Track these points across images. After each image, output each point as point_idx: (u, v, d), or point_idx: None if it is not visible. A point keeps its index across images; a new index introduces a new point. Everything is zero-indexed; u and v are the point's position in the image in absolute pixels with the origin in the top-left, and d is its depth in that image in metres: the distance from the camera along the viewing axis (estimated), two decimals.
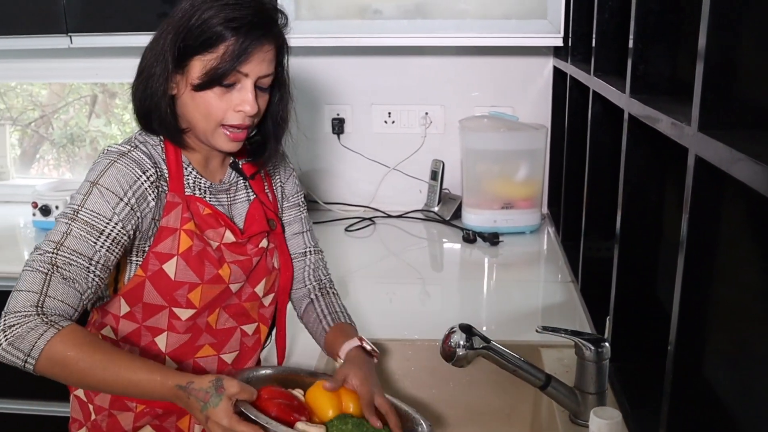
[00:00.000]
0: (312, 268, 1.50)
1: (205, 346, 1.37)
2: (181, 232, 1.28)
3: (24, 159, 3.19)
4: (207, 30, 1.19)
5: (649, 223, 1.38)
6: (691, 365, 1.04)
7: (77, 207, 1.19)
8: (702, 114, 0.90)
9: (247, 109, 1.23)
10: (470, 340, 1.20)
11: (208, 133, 1.26)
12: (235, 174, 1.40)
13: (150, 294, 1.28)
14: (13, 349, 1.09)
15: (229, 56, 1.19)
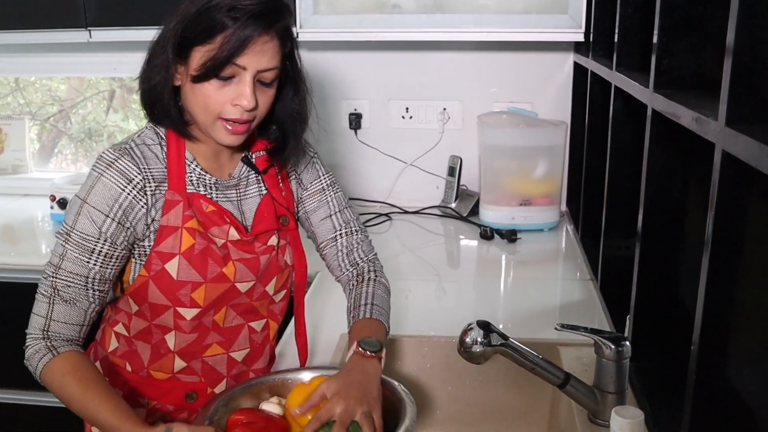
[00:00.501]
0: (345, 251, 1.44)
1: (213, 345, 1.35)
2: (182, 230, 1.26)
3: (42, 153, 3.20)
4: (207, 20, 1.17)
5: (671, 221, 1.35)
6: (714, 366, 1.01)
7: (69, 228, 1.24)
8: (730, 108, 0.88)
9: (244, 104, 1.20)
10: (488, 336, 1.18)
11: (208, 126, 1.24)
12: (246, 168, 1.37)
13: (154, 294, 1.27)
14: (29, 364, 1.24)
15: (226, 47, 1.17)
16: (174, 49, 1.20)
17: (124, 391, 1.35)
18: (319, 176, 1.46)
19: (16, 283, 2.23)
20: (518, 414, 1.57)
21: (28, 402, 2.38)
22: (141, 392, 1.36)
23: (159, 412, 1.37)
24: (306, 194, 1.44)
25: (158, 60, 1.22)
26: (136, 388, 1.36)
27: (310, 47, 2.64)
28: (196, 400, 1.37)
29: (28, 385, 2.32)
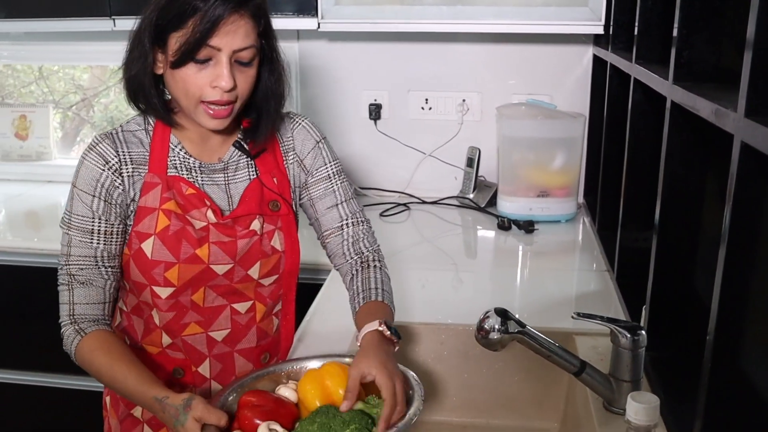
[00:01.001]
0: (351, 241, 1.45)
1: (192, 324, 1.39)
2: (159, 211, 1.31)
3: (65, 141, 3.24)
4: (179, 5, 1.20)
5: (688, 212, 1.36)
6: (728, 356, 1.03)
7: (69, 215, 1.32)
8: (749, 100, 0.89)
9: (223, 85, 1.22)
10: (505, 324, 1.20)
11: (191, 111, 1.27)
12: (237, 152, 1.39)
13: (134, 272, 1.34)
14: (66, 350, 1.33)
15: (198, 30, 1.19)
16: (150, 38, 1.24)
17: None
18: (325, 163, 1.46)
19: (39, 268, 2.28)
20: (533, 402, 1.58)
21: (51, 384, 2.44)
22: None
23: None
24: (312, 180, 1.45)
25: (137, 50, 1.26)
26: None
27: (331, 38, 2.66)
28: (183, 376, 1.42)
29: (49, 367, 2.38)
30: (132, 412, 1.46)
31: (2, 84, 3.26)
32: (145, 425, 1.45)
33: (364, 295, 1.38)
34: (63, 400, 2.43)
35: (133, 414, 1.46)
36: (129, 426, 1.46)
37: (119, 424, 1.47)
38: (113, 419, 1.49)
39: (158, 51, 1.25)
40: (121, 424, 1.47)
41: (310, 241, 1.57)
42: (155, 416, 1.39)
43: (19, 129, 3.07)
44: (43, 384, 2.44)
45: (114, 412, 1.48)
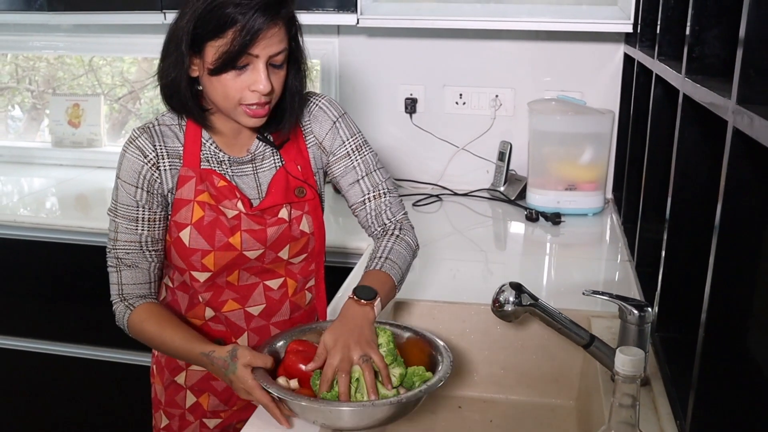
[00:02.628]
0: (374, 214, 1.52)
1: (229, 301, 1.49)
2: (194, 203, 1.41)
3: (112, 131, 3.38)
4: (217, 16, 1.26)
5: (699, 202, 1.43)
6: (721, 333, 1.10)
7: (115, 203, 1.42)
8: (741, 88, 0.96)
9: (261, 89, 1.30)
10: (519, 297, 1.29)
11: (230, 112, 1.35)
12: (262, 144, 1.47)
13: (174, 257, 1.45)
14: (120, 325, 1.46)
15: (239, 41, 1.26)
16: (187, 46, 1.30)
17: None
18: (343, 141, 1.51)
19: (88, 246, 2.42)
20: (550, 378, 1.67)
21: (101, 357, 2.57)
22: None
23: None
24: (333, 159, 1.52)
25: (173, 57, 1.32)
26: None
27: (370, 33, 2.76)
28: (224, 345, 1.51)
29: (101, 341, 2.52)
30: (175, 379, 1.56)
31: (53, 76, 3.42)
32: (187, 391, 1.56)
33: (368, 264, 1.45)
34: (113, 372, 2.55)
35: (176, 381, 1.56)
36: (173, 392, 1.57)
37: (164, 390, 1.58)
38: (159, 386, 1.60)
39: (194, 57, 1.32)
40: (165, 390, 1.58)
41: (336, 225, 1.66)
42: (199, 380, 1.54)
43: (72, 117, 3.22)
44: (94, 357, 2.57)
45: (160, 379, 1.59)
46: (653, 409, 1.30)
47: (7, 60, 3.45)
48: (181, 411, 1.57)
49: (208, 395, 1.56)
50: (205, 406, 1.56)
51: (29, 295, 2.59)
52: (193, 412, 1.57)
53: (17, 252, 2.54)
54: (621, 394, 0.96)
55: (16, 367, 2.66)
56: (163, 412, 1.59)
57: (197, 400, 1.56)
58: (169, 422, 1.58)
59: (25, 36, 3.18)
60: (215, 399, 1.56)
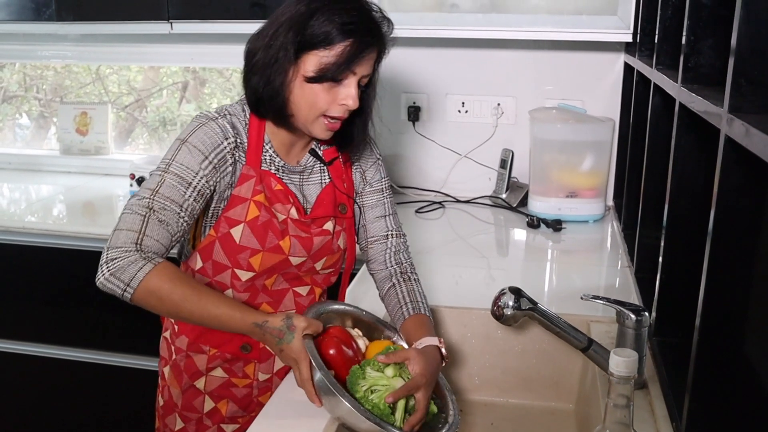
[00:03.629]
0: (393, 251, 1.59)
1: (263, 304, 1.51)
2: (251, 202, 1.42)
3: (118, 141, 3.41)
4: (328, 30, 1.31)
5: (696, 209, 1.46)
6: (718, 336, 1.13)
7: (169, 161, 1.36)
8: (732, 96, 0.99)
9: (350, 104, 1.36)
10: (518, 301, 1.32)
11: (309, 121, 1.39)
12: (312, 158, 1.52)
13: (218, 253, 1.43)
14: (114, 279, 1.27)
15: (346, 56, 1.32)
16: (293, 55, 1.33)
17: (190, 338, 1.53)
18: (381, 177, 1.62)
19: (96, 252, 2.44)
20: (550, 382, 1.69)
21: (103, 361, 2.60)
22: (204, 340, 1.52)
23: (219, 359, 1.54)
24: (369, 189, 1.60)
25: (276, 62, 1.34)
26: (200, 336, 1.52)
27: None
28: (249, 352, 1.53)
29: (100, 345, 2.55)
30: (194, 384, 1.55)
31: (61, 84, 3.46)
32: (206, 396, 1.56)
33: (413, 306, 1.50)
34: (120, 377, 2.58)
35: (195, 385, 1.56)
36: (191, 396, 1.56)
37: (181, 393, 1.56)
38: (175, 389, 1.57)
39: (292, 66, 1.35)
40: (183, 394, 1.56)
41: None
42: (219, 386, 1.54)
43: (80, 125, 3.26)
44: (101, 362, 2.60)
45: (177, 383, 1.57)
46: (650, 411, 1.33)
47: (16, 69, 3.50)
48: (199, 415, 1.57)
49: (227, 401, 1.57)
50: (223, 412, 1.57)
51: (37, 301, 2.62)
52: (210, 417, 1.57)
53: (26, 258, 2.57)
54: (616, 395, 0.99)
55: (23, 371, 2.69)
56: (179, 416, 1.58)
57: (215, 406, 1.57)
58: (185, 425, 1.58)
59: (33, 45, 3.23)
60: (234, 405, 1.57)
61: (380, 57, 1.41)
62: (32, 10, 2.77)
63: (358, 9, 1.35)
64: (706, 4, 1.35)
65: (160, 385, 1.64)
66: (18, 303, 2.64)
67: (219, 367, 1.55)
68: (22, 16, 2.80)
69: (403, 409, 1.28)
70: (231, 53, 2.94)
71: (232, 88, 3.29)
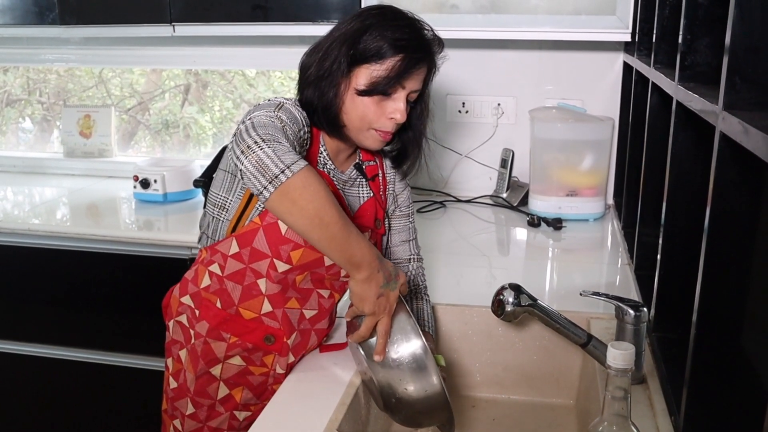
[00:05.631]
0: (413, 275, 1.67)
1: (292, 299, 1.53)
2: None
3: (121, 143, 3.44)
4: (379, 45, 1.37)
5: (693, 206, 1.47)
6: (715, 331, 1.14)
7: (278, 103, 1.37)
8: (727, 94, 1.01)
9: (398, 117, 1.41)
10: (518, 297, 1.34)
11: (359, 133, 1.44)
12: (356, 172, 1.57)
13: (260, 241, 1.44)
14: (275, 158, 1.20)
15: (396, 71, 1.37)
16: (344, 67, 1.39)
17: (212, 324, 1.53)
18: (409, 203, 1.70)
19: (100, 253, 2.47)
20: (550, 378, 1.71)
21: (108, 362, 2.61)
22: (226, 327, 1.53)
23: (239, 347, 1.54)
24: (398, 213, 1.67)
25: (330, 75, 1.40)
26: (222, 323, 1.53)
27: None
28: (273, 344, 1.54)
29: (105, 346, 2.57)
30: (210, 370, 1.55)
31: (63, 88, 3.49)
32: (221, 383, 1.56)
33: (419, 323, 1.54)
34: (125, 377, 2.59)
35: (211, 372, 1.56)
36: (205, 382, 1.56)
37: (195, 379, 1.56)
38: (190, 373, 1.57)
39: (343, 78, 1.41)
40: (197, 379, 1.56)
41: None
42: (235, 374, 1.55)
43: (84, 128, 3.29)
44: (106, 362, 2.61)
45: (192, 367, 1.56)
46: (649, 405, 1.34)
47: (19, 72, 3.52)
48: (212, 401, 1.58)
49: (243, 389, 1.58)
50: (237, 399, 1.58)
51: (42, 302, 2.64)
52: (224, 403, 1.58)
53: (31, 260, 2.59)
54: (614, 387, 1.01)
55: (29, 372, 2.71)
56: (191, 401, 1.58)
57: (230, 392, 1.57)
58: (196, 411, 1.58)
59: (37, 49, 3.26)
60: (249, 392, 1.58)
61: (430, 74, 1.46)
62: (35, 14, 2.79)
63: (410, 26, 1.42)
64: (702, 3, 1.36)
65: (170, 368, 1.63)
66: (24, 304, 2.66)
67: (238, 355, 1.55)
68: (26, 20, 2.82)
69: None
70: (233, 55, 2.97)
71: (233, 91, 3.31)
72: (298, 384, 1.38)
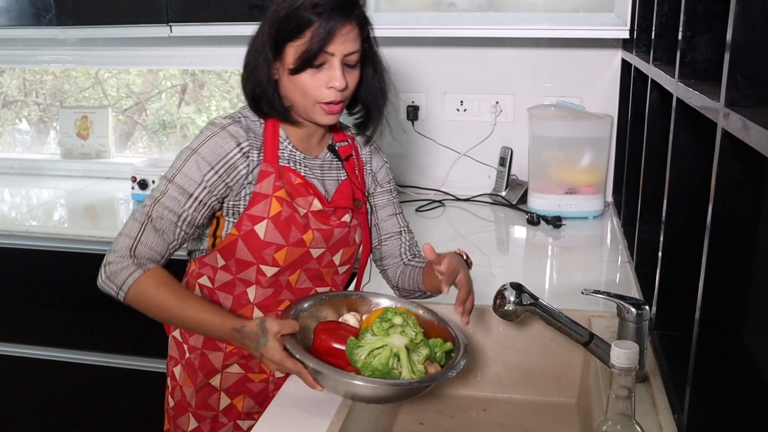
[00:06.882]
0: (408, 245, 1.66)
1: (286, 301, 1.53)
2: (272, 198, 1.45)
3: (118, 145, 3.42)
4: (295, 18, 1.36)
5: (694, 203, 1.47)
6: (717, 329, 1.14)
7: (175, 171, 1.42)
8: (728, 91, 1.01)
9: (336, 85, 1.38)
10: (520, 296, 1.33)
11: (308, 110, 1.43)
12: (330, 154, 1.57)
13: (242, 251, 1.46)
14: (110, 282, 1.37)
15: (316, 39, 1.35)
16: (271, 50, 1.39)
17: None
18: (389, 179, 1.68)
19: (98, 254, 2.45)
20: (552, 377, 1.70)
21: (106, 363, 2.61)
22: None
23: (235, 356, 1.55)
24: (379, 190, 1.65)
25: (259, 61, 1.41)
26: None
27: None
28: None
29: (103, 347, 2.56)
30: (210, 382, 1.56)
31: (60, 89, 3.47)
32: (222, 393, 1.57)
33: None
34: (124, 379, 2.59)
35: (210, 383, 1.56)
36: (206, 394, 1.57)
37: (195, 392, 1.57)
38: (188, 388, 1.57)
39: (275, 61, 1.41)
40: (197, 393, 1.57)
41: None
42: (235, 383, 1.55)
43: (81, 129, 3.27)
44: (104, 364, 2.61)
45: (190, 382, 1.57)
46: (652, 404, 1.34)
47: (15, 74, 3.51)
48: (214, 413, 1.58)
49: (244, 397, 1.58)
50: (240, 408, 1.58)
51: (41, 304, 2.63)
52: (227, 414, 1.58)
53: (29, 262, 2.58)
54: (617, 386, 1.01)
55: (28, 375, 2.70)
56: (193, 415, 1.58)
57: (231, 402, 1.57)
58: (199, 425, 1.58)
59: (33, 50, 3.24)
60: (251, 401, 1.58)
61: (363, 31, 1.43)
62: (32, 15, 2.78)
63: None
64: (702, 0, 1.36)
65: (169, 386, 1.63)
66: (22, 307, 2.66)
67: (236, 363, 1.56)
68: (22, 21, 2.81)
69: (408, 361, 1.30)
70: (230, 55, 2.96)
71: (230, 90, 3.30)
72: (298, 387, 1.37)
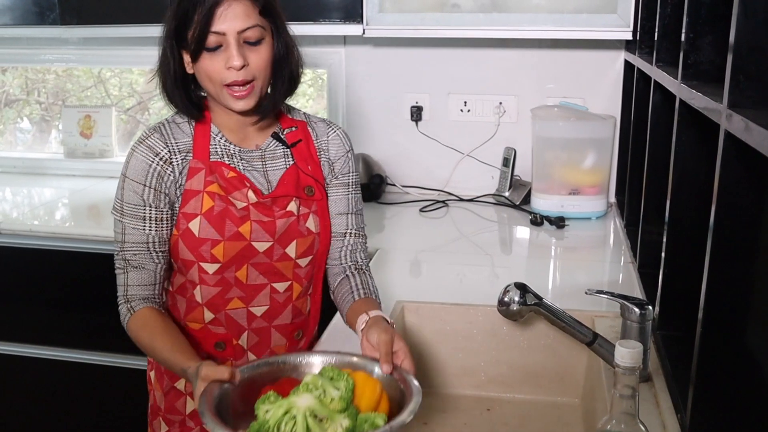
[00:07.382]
0: (349, 249, 1.57)
1: (234, 299, 1.50)
2: (204, 194, 1.44)
3: (121, 143, 3.43)
4: (184, 6, 1.35)
5: (697, 205, 1.47)
6: (720, 329, 1.15)
7: (121, 203, 1.44)
8: (731, 92, 1.01)
9: (234, 64, 1.35)
10: (524, 296, 1.34)
11: (219, 97, 1.41)
12: (274, 142, 1.53)
13: (183, 251, 1.45)
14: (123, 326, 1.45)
15: (201, 21, 1.34)
16: (173, 43, 1.39)
17: None
18: (349, 171, 1.59)
19: (99, 254, 2.47)
20: (555, 377, 1.71)
21: (110, 363, 2.62)
22: None
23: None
24: (335, 182, 1.57)
25: (164, 56, 1.42)
26: None
27: (375, 43, 2.81)
28: (224, 350, 1.54)
29: (107, 347, 2.57)
30: (175, 385, 1.57)
31: (62, 88, 3.48)
32: (187, 397, 1.57)
33: (365, 292, 1.49)
34: (126, 378, 2.59)
35: (176, 387, 1.57)
36: (173, 398, 1.58)
37: (164, 396, 1.59)
38: (158, 392, 1.60)
39: (184, 53, 1.40)
40: (165, 396, 1.58)
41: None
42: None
43: (84, 128, 3.28)
44: (108, 364, 2.62)
45: (159, 386, 1.60)
46: (655, 403, 1.34)
47: (17, 73, 3.52)
48: (182, 417, 1.58)
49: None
50: None
51: (43, 304, 2.64)
52: (193, 417, 1.58)
53: (32, 261, 2.59)
54: (621, 386, 1.01)
55: (30, 374, 2.71)
56: (163, 419, 1.59)
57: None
58: (169, 429, 1.59)
59: (36, 49, 3.25)
60: None
61: (258, 4, 1.39)
62: (36, 14, 2.79)
63: None
64: (705, 1, 1.37)
65: (149, 390, 1.66)
66: (25, 306, 2.66)
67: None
68: (26, 20, 2.82)
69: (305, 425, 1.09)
70: None
71: None
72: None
